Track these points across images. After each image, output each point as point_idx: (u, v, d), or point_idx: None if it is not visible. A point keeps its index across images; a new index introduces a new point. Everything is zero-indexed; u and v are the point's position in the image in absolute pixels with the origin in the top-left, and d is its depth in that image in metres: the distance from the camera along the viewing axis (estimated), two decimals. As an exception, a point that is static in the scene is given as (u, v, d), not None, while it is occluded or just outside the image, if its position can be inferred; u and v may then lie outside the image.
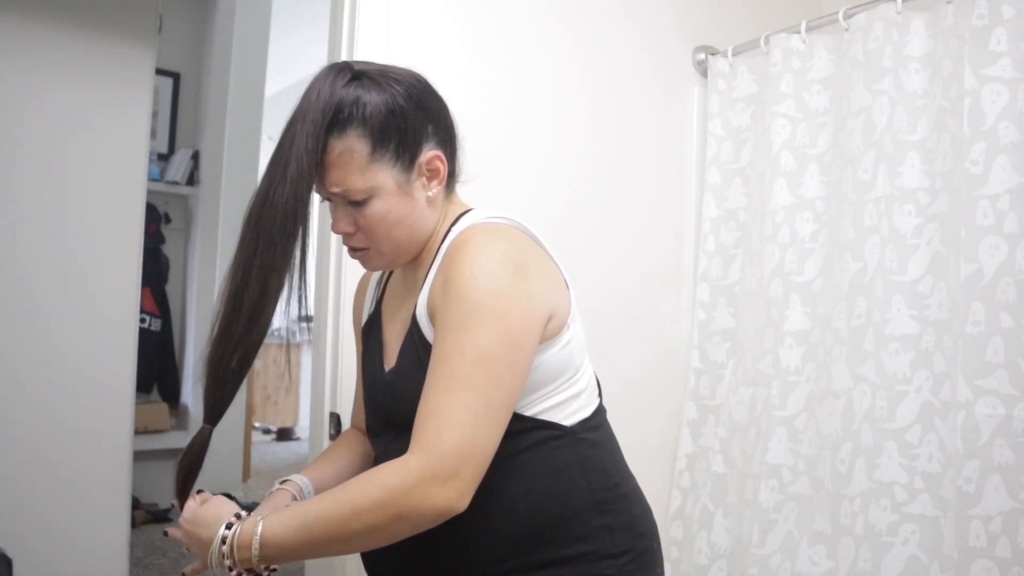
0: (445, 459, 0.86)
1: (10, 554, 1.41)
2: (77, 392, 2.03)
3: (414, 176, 1.00)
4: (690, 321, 2.05)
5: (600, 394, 1.10)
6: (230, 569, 0.90)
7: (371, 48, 1.56)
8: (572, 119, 1.87)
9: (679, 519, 1.98)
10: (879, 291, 1.63)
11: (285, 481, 1.11)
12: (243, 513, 0.94)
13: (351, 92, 0.95)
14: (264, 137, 4.11)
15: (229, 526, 0.91)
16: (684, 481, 1.99)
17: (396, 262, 1.05)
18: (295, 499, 1.08)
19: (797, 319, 1.80)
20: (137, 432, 2.48)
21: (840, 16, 1.77)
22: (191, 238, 3.82)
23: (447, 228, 1.04)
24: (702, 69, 2.09)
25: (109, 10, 2.09)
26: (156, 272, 3.67)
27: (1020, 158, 1.47)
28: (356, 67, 0.98)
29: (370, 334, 1.14)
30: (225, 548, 0.90)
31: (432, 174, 1.01)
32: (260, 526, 0.89)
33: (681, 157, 2.07)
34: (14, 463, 1.93)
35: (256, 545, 0.89)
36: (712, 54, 2.08)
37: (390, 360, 1.06)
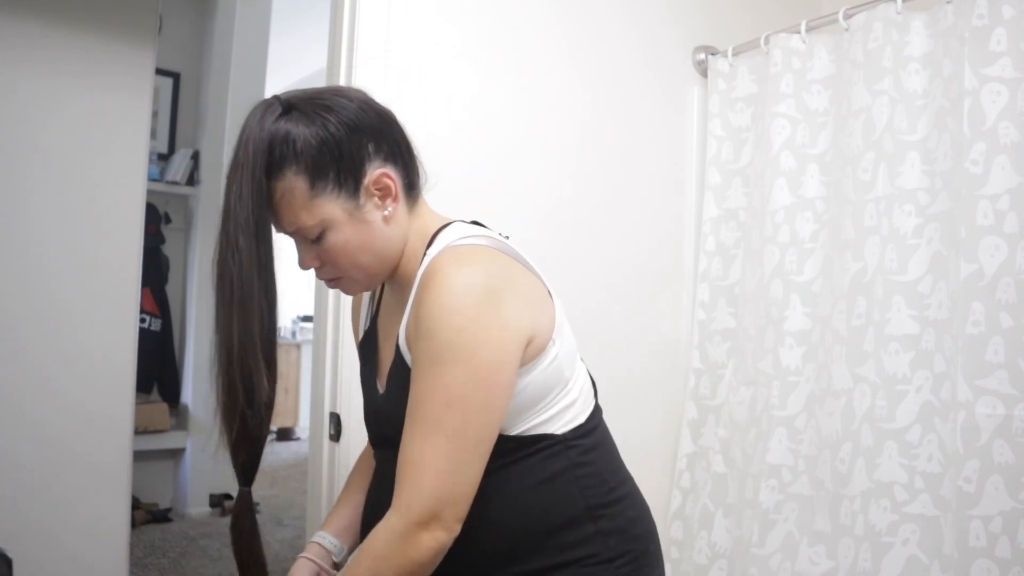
0: (424, 507, 0.88)
1: (10, 554, 1.41)
2: (77, 392, 2.03)
3: (363, 200, 0.96)
4: (690, 321, 2.05)
5: (596, 395, 1.09)
6: None
7: (371, 48, 1.56)
8: (572, 119, 1.87)
9: (679, 519, 1.98)
10: (879, 291, 1.63)
11: (310, 545, 1.13)
12: None
13: (281, 127, 0.93)
14: (264, 137, 4.10)
15: None
16: (684, 481, 1.99)
17: (373, 284, 1.04)
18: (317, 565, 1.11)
19: (797, 319, 1.80)
20: (137, 432, 2.48)
21: (840, 16, 1.77)
22: (191, 238, 3.83)
23: (425, 245, 1.01)
24: (702, 69, 2.09)
25: (109, 10, 2.09)
26: (156, 272, 3.67)
27: (1020, 158, 1.47)
28: (284, 99, 0.96)
29: (366, 350, 1.13)
30: None
31: (384, 192, 0.98)
32: None
33: (681, 157, 2.07)
34: (14, 463, 1.93)
35: None
36: (712, 54, 2.08)
37: (382, 382, 1.06)
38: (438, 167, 1.12)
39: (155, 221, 3.64)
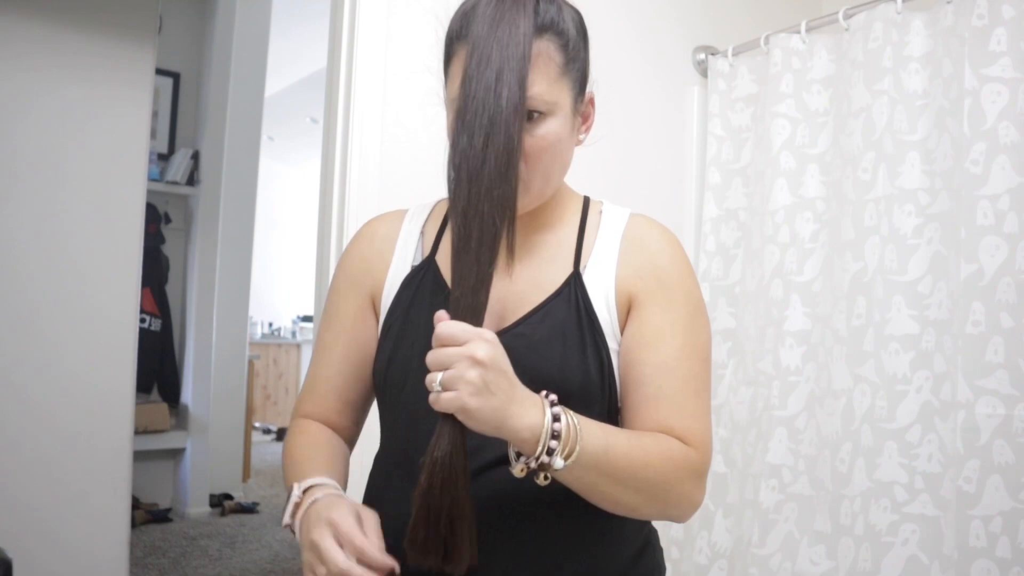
0: (706, 461, 0.86)
1: (10, 554, 1.41)
2: (77, 392, 2.03)
3: (579, 110, 0.88)
4: (690, 321, 2.05)
5: None
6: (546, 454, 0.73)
7: (371, 48, 1.56)
8: (572, 119, 1.87)
9: (679, 519, 1.98)
10: (879, 291, 1.63)
11: (316, 486, 0.86)
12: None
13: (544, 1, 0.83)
14: (264, 137, 4.11)
15: (554, 403, 0.75)
16: (684, 481, 1.99)
17: (532, 204, 0.88)
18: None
19: (797, 319, 1.80)
20: (137, 432, 2.48)
21: (840, 16, 1.77)
22: (191, 238, 3.83)
23: (576, 201, 0.97)
24: (702, 69, 2.09)
25: (109, 10, 2.09)
26: (156, 272, 3.67)
27: (1020, 158, 1.47)
28: None
29: (422, 284, 0.93)
30: (559, 426, 0.73)
31: (585, 116, 0.90)
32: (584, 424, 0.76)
33: (681, 157, 2.07)
34: (14, 463, 1.93)
35: (584, 442, 0.75)
36: (712, 54, 2.08)
37: (498, 321, 0.87)
38: (439, 167, 1.12)
39: (155, 221, 3.64)
